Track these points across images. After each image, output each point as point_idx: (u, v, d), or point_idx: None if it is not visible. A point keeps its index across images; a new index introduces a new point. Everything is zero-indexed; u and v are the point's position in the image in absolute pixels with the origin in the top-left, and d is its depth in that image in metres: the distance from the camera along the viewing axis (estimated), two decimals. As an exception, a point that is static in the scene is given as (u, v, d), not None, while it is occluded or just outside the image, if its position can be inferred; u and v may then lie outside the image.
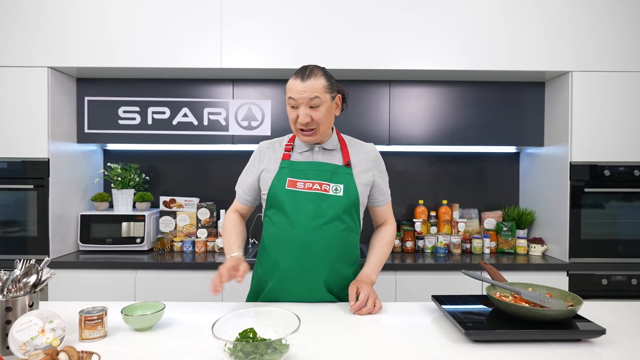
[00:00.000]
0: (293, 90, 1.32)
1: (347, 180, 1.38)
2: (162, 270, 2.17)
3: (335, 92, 1.38)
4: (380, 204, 1.50)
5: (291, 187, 1.36)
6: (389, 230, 1.53)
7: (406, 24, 2.25)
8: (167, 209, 2.57)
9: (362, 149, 1.47)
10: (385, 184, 1.51)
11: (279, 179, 1.38)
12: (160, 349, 0.99)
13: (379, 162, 1.48)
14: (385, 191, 1.50)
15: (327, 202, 1.35)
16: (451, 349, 1.01)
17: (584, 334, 1.05)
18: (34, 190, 2.22)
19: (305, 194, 1.35)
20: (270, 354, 0.84)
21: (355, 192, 1.38)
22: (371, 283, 1.37)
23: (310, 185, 1.36)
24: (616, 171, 2.25)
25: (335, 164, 1.41)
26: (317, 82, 1.31)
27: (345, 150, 1.44)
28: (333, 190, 1.36)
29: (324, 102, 1.33)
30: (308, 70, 1.33)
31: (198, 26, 2.24)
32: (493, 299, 1.16)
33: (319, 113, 1.32)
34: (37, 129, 2.21)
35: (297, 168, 1.39)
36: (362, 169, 1.42)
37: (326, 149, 1.43)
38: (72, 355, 0.80)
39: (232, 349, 0.84)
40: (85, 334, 1.02)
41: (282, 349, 0.86)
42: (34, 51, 2.20)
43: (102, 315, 1.04)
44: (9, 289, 0.97)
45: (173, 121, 2.45)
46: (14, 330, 0.89)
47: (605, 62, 2.24)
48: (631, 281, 2.21)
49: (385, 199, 1.50)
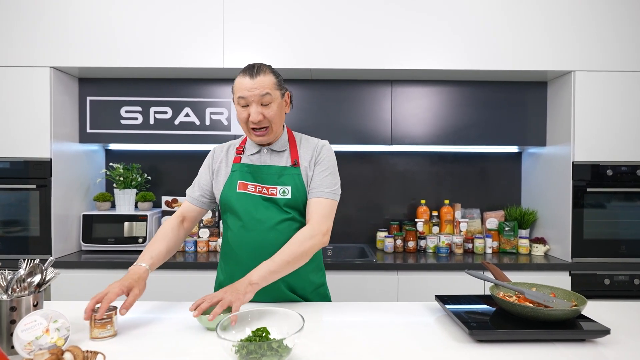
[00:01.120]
0: (242, 89, 1.29)
1: (295, 180, 1.36)
2: (164, 270, 2.17)
3: (284, 89, 1.37)
4: (309, 196, 1.37)
5: (242, 190, 1.35)
6: (304, 230, 1.29)
7: (408, 23, 2.25)
8: (169, 208, 2.57)
9: (310, 146, 1.42)
10: (321, 177, 1.37)
11: (231, 183, 1.37)
12: (170, 347, 0.99)
13: (321, 153, 1.40)
14: (316, 184, 1.36)
15: (276, 204, 1.34)
16: (455, 349, 1.01)
17: (588, 334, 1.04)
18: (36, 190, 2.22)
19: (255, 197, 1.34)
20: (270, 356, 0.84)
21: (303, 192, 1.36)
22: (244, 282, 1.16)
23: (260, 189, 1.35)
24: (619, 171, 2.25)
25: (282, 165, 1.38)
26: (266, 78, 1.29)
27: (294, 150, 1.41)
28: (280, 193, 1.35)
29: (275, 99, 1.31)
30: (256, 68, 1.30)
31: (200, 26, 2.24)
32: (497, 298, 1.16)
33: (271, 110, 1.30)
34: (40, 129, 2.21)
35: (247, 171, 1.38)
36: (307, 165, 1.39)
37: (274, 150, 1.40)
38: (77, 354, 0.80)
39: (237, 347, 0.84)
40: (95, 332, 1.02)
41: (283, 352, 0.86)
42: (36, 51, 2.21)
43: (112, 314, 1.04)
44: (14, 289, 0.97)
45: (175, 121, 2.45)
46: (19, 330, 0.89)
47: (608, 61, 2.24)
48: (634, 281, 2.20)
49: (314, 192, 1.35)
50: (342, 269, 2.15)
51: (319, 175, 1.37)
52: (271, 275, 1.19)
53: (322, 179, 1.37)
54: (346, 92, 2.46)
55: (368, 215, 2.75)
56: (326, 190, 1.35)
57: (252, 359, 0.83)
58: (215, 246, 2.46)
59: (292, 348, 0.88)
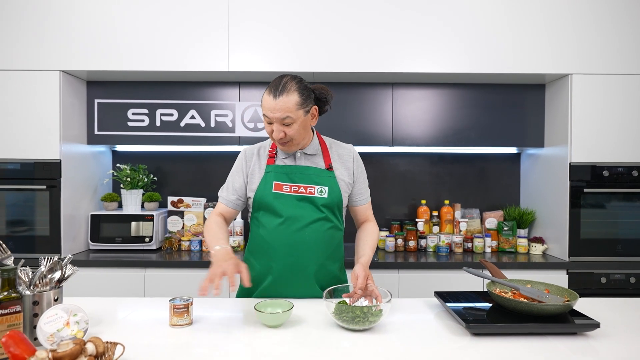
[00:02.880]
0: (266, 108, 1.33)
1: (331, 182, 1.44)
2: (170, 268, 2.23)
3: (310, 105, 1.38)
4: (360, 203, 1.56)
5: (277, 190, 1.42)
6: (373, 226, 1.56)
7: (409, 28, 2.30)
8: (174, 208, 2.62)
9: (343, 151, 1.52)
10: (365, 183, 1.56)
11: (266, 183, 1.44)
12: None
13: (358, 162, 1.53)
14: (364, 191, 1.56)
15: (313, 203, 1.42)
16: (453, 342, 1.07)
17: (579, 327, 1.10)
18: (46, 190, 2.28)
19: (292, 196, 1.41)
20: (371, 317, 1.12)
21: (338, 193, 1.45)
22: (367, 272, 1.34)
23: (297, 189, 1.42)
24: (615, 172, 2.29)
25: (319, 167, 1.46)
26: (289, 99, 1.31)
27: (327, 154, 1.49)
28: (318, 192, 1.42)
29: (297, 119, 1.34)
30: (281, 86, 1.32)
31: (206, 31, 2.30)
32: (493, 294, 1.22)
33: (292, 129, 1.34)
34: (49, 131, 2.27)
35: (283, 172, 1.44)
36: (343, 170, 1.48)
37: (307, 154, 1.48)
38: (99, 345, 0.85)
39: (340, 312, 1.12)
40: (174, 320, 1.15)
41: (378, 315, 1.13)
42: (46, 56, 2.27)
43: (189, 304, 1.17)
44: (36, 284, 1.02)
45: (181, 123, 2.51)
46: (42, 323, 0.95)
47: (604, 65, 2.29)
48: (629, 279, 2.25)
49: (365, 198, 1.56)
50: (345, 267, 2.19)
51: (364, 182, 1.55)
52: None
53: (365, 186, 1.56)
54: (348, 94, 2.52)
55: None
56: (369, 195, 1.58)
57: (358, 321, 1.11)
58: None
59: (382, 315, 1.14)
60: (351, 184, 1.50)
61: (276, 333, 1.12)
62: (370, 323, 1.12)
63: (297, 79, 1.37)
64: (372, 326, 1.14)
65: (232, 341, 1.07)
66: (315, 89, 1.42)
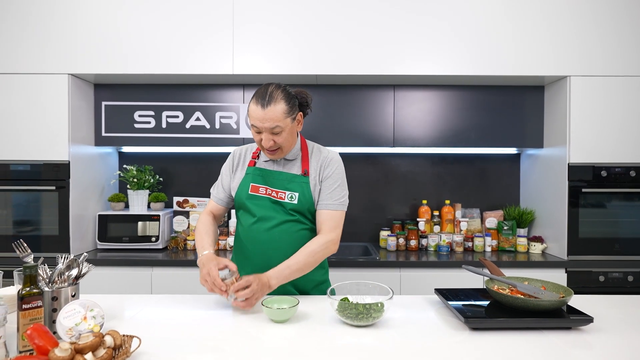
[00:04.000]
0: (255, 118, 1.35)
1: (303, 188, 1.47)
2: (177, 267, 2.28)
3: (295, 112, 1.42)
4: (318, 208, 1.48)
5: (254, 192, 1.48)
6: (316, 240, 1.43)
7: (411, 30, 2.35)
8: (180, 209, 2.67)
9: (320, 156, 1.52)
10: (331, 190, 1.47)
11: (244, 184, 1.50)
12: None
13: (329, 167, 1.49)
14: (325, 196, 1.47)
15: (282, 207, 1.47)
16: (452, 336, 1.11)
17: (573, 322, 1.14)
18: (55, 191, 2.33)
19: (265, 198, 1.47)
20: (374, 314, 1.17)
21: (310, 199, 1.47)
22: (267, 284, 1.30)
23: (270, 192, 1.48)
24: (613, 172, 2.33)
25: (293, 173, 1.49)
26: (276, 108, 1.34)
27: (306, 159, 1.51)
28: (288, 197, 1.46)
29: (285, 127, 1.38)
30: (268, 95, 1.34)
31: (211, 35, 2.35)
32: (491, 291, 1.26)
33: (281, 137, 1.39)
34: (58, 133, 2.32)
35: (260, 174, 1.50)
36: (316, 175, 1.50)
37: (287, 159, 1.51)
38: (116, 338, 0.90)
39: (344, 309, 1.16)
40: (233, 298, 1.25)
41: (380, 311, 1.18)
42: (55, 59, 2.32)
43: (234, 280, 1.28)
44: (55, 281, 1.07)
45: (186, 125, 2.56)
46: (61, 317, 1.00)
47: (602, 67, 2.33)
48: (627, 278, 2.29)
49: (325, 204, 1.47)
50: (347, 266, 2.25)
51: (329, 188, 1.48)
52: (286, 280, 1.37)
53: (331, 192, 1.48)
54: (350, 96, 2.57)
55: (372, 215, 2.85)
56: (335, 202, 1.47)
57: (361, 317, 1.15)
58: (224, 245, 2.57)
59: (385, 310, 1.19)
60: None
61: (283, 328, 1.16)
62: (373, 319, 1.17)
63: (281, 87, 1.40)
64: (375, 322, 1.19)
65: (242, 335, 1.12)
66: (297, 94, 1.45)
